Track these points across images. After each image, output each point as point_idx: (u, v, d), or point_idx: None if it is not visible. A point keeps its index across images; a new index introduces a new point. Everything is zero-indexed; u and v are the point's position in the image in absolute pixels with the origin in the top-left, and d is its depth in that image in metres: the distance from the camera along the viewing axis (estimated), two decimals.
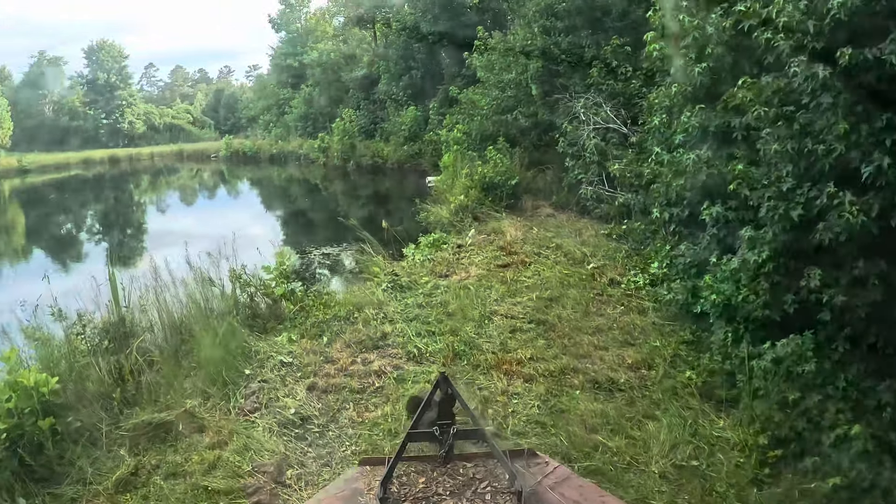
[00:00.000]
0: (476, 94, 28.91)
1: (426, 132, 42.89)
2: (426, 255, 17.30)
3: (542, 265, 15.36)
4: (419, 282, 14.54)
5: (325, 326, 12.12)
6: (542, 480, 4.67)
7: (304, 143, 63.11)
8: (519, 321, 11.95)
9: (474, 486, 4.72)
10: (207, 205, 56.89)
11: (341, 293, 14.63)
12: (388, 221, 20.97)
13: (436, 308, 12.81)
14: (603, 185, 19.10)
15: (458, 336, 11.19)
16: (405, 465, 4.96)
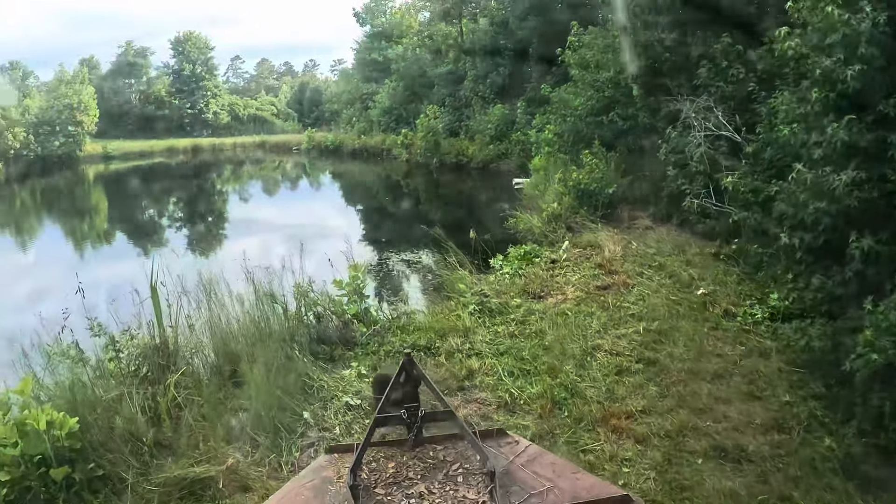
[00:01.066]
0: (569, 93, 27.13)
1: (513, 132, 41.36)
2: (516, 268, 15.82)
3: (647, 288, 13.69)
4: (510, 304, 12.98)
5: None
6: (514, 459, 4.68)
7: (387, 139, 62.12)
8: (625, 359, 10.37)
9: (445, 468, 4.70)
10: (287, 196, 56.95)
11: (421, 313, 13.20)
12: (471, 225, 19.71)
13: (530, 339, 11.27)
14: (710, 199, 17.25)
15: (558, 378, 9.65)
16: (374, 451, 4.93)
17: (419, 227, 29.65)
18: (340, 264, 13.27)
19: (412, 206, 38.68)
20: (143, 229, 43.47)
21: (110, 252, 36.42)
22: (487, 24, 50.04)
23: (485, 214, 29.78)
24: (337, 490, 4.37)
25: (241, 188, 64.66)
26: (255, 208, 49.68)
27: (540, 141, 29.08)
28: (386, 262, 23.50)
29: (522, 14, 44.07)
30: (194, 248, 35.64)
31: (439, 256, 16.35)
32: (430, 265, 19.65)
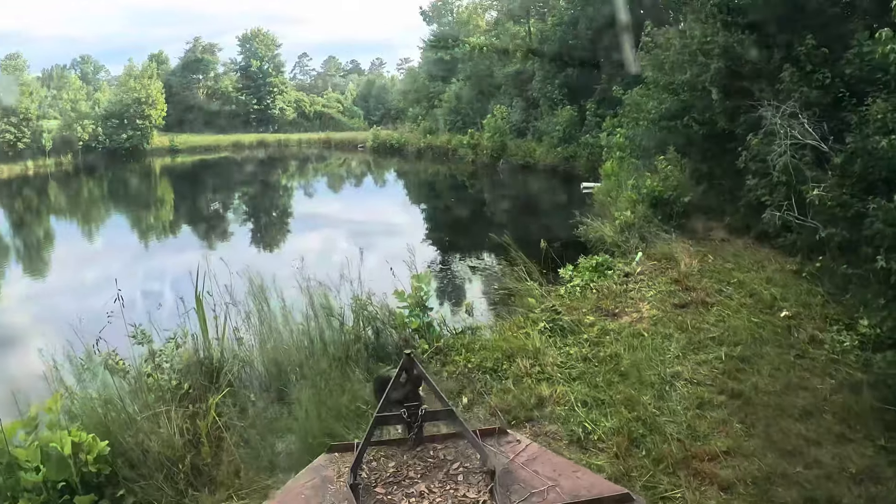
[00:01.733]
0: (643, 96, 26.18)
1: (582, 134, 40.57)
2: (587, 280, 15.07)
3: (726, 307, 12.77)
4: (583, 322, 12.11)
5: (467, 380, 10.07)
6: (515, 458, 4.65)
7: (453, 138, 61.76)
8: (707, 390, 9.54)
9: (446, 467, 4.67)
10: (351, 193, 57.01)
11: (487, 329, 12.52)
12: (538, 230, 19.10)
13: (605, 363, 10.43)
14: (791, 211, 16.24)
15: (635, 410, 8.90)
16: (374, 450, 4.90)
17: (484, 230, 29.06)
18: (401, 268, 12.70)
19: (477, 208, 38.07)
20: (207, 222, 44.03)
21: (174, 244, 37.08)
22: (556, 23, 49.15)
23: (552, 219, 29.04)
24: (337, 489, 4.34)
25: (305, 184, 65.17)
26: (317, 204, 49.89)
27: (611, 145, 28.26)
28: (449, 267, 22.92)
29: (592, 13, 43.13)
30: (256, 242, 36.19)
31: (505, 263, 15.74)
32: (496, 271, 19.03)
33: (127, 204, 56.23)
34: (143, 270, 28.61)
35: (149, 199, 58.39)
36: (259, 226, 42.58)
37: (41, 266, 33.41)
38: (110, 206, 57.47)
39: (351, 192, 57.92)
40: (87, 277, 27.39)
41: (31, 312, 22.94)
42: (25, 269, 33.24)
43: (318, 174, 72.50)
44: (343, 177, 69.83)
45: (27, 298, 25.77)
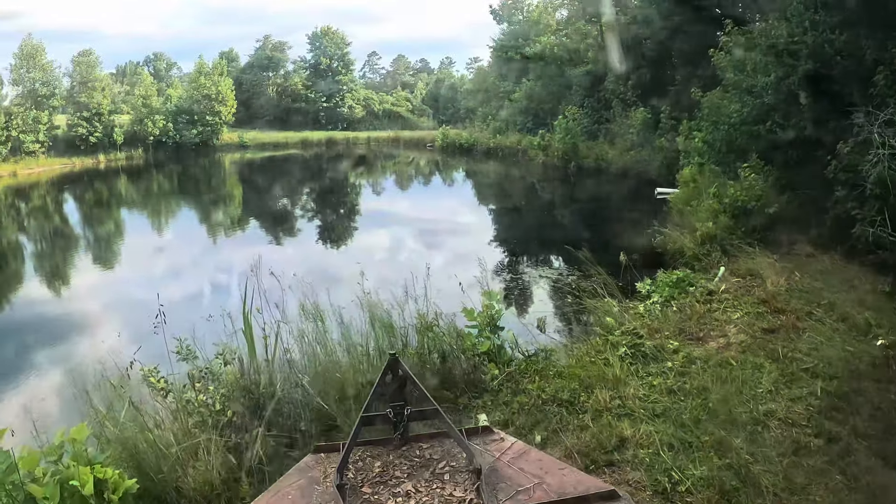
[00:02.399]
0: (724, 99, 24.99)
1: (656, 137, 39.39)
2: (667, 296, 14.21)
3: (818, 333, 11.71)
4: (666, 348, 11.11)
5: (540, 413, 9.20)
6: (501, 456, 4.74)
7: (524, 139, 60.99)
8: (803, 432, 8.56)
9: (432, 466, 4.75)
10: (418, 193, 56.46)
11: (562, 351, 11.70)
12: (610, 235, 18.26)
13: (691, 398, 9.43)
14: (885, 227, 15.10)
15: (726, 456, 8.03)
16: (361, 450, 4.98)
17: (556, 236, 28.29)
18: (468, 275, 12.04)
19: (547, 212, 37.21)
20: (273, 218, 44.08)
21: (240, 239, 37.09)
22: (629, 22, 47.94)
23: (626, 226, 28.02)
24: (324, 489, 4.36)
25: (373, 182, 65.02)
26: (385, 202, 49.58)
27: (689, 150, 27.18)
28: (519, 276, 22.12)
29: (667, 12, 41.87)
30: (322, 239, 36.45)
31: (579, 274, 14.96)
32: (569, 283, 18.19)
33: (195, 198, 57.14)
34: (206, 266, 29.18)
35: (217, 194, 59.31)
36: (325, 222, 42.64)
37: (110, 258, 33.91)
38: (179, 200, 58.37)
39: (419, 191, 57.67)
40: (151, 271, 27.45)
41: (88, 308, 22.75)
42: (95, 260, 33.93)
43: (386, 172, 72.26)
44: (411, 175, 69.50)
45: (91, 291, 25.84)
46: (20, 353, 17.49)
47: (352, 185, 63.11)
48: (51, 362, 16.67)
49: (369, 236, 34.80)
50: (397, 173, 71.07)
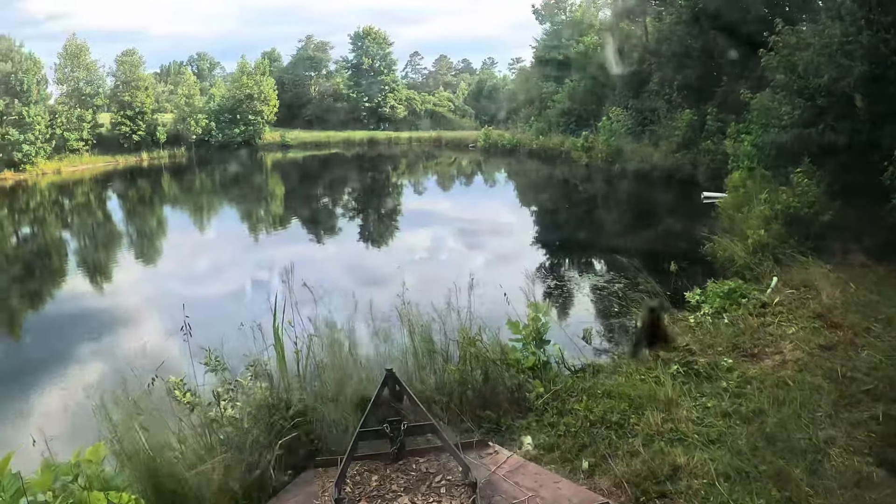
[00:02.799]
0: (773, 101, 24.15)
1: (703, 139, 38.55)
2: (717, 308, 13.65)
3: (877, 351, 11.01)
4: (720, 365, 10.55)
5: (588, 437, 8.62)
6: (496, 470, 5.05)
7: (567, 141, 60.42)
8: (865, 462, 7.86)
9: (429, 480, 4.99)
10: (460, 194, 56.03)
11: (610, 367, 11.17)
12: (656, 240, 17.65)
13: (747, 422, 8.85)
14: None
15: (786, 488, 7.46)
16: (358, 465, 5.32)
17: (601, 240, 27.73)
18: (510, 280, 11.57)
19: (592, 215, 36.54)
20: (315, 217, 44.26)
21: (281, 237, 37.20)
22: (674, 22, 46.93)
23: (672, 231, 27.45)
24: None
25: (415, 181, 64.77)
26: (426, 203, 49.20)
27: (738, 153, 26.43)
28: (563, 282, 21.54)
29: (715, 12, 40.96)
30: (363, 238, 36.41)
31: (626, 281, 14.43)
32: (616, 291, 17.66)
33: (237, 197, 57.44)
34: (244, 265, 29.11)
35: (259, 192, 59.71)
36: (366, 222, 42.64)
37: (150, 255, 34.32)
38: (221, 198, 58.76)
39: (461, 191, 57.50)
40: (189, 270, 27.65)
41: (122, 307, 22.62)
42: (136, 256, 34.34)
43: (427, 172, 72.04)
44: (453, 175, 69.13)
45: (127, 288, 25.98)
46: (49, 357, 17.22)
47: (393, 184, 63.01)
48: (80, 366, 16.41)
49: (410, 237, 34.57)
50: (439, 173, 70.78)
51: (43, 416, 13.11)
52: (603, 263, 22.49)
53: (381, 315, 10.25)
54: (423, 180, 65.71)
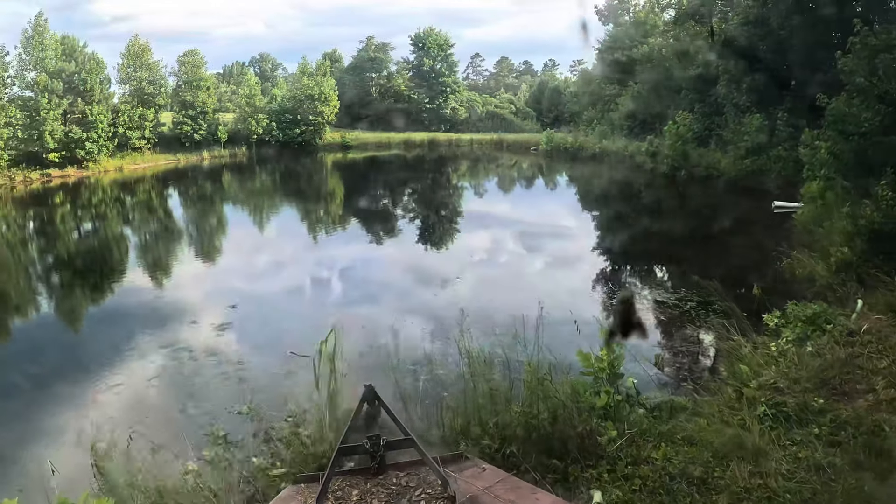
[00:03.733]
0: (851, 106, 22.80)
1: (773, 146, 37.23)
2: (799, 334, 12.60)
3: None
4: (810, 405, 9.44)
5: (667, 494, 7.65)
6: (476, 483, 5.15)
7: (630, 145, 59.17)
8: None
9: (409, 494, 5.10)
10: (523, 197, 55.56)
11: (689, 403, 10.17)
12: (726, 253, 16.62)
13: (842, 478, 7.73)
14: None
15: None
16: (339, 480, 5.36)
17: (668, 252, 26.71)
18: (574, 297, 10.75)
19: (657, 225, 35.13)
20: (374, 218, 44.08)
21: (340, 238, 37.18)
22: (741, 22, 45.41)
23: (743, 244, 26.31)
24: None
25: (475, 184, 64.22)
26: (486, 207, 48.01)
27: (813, 161, 25.16)
28: (629, 297, 20.31)
29: (785, 11, 39.45)
30: (422, 240, 36.13)
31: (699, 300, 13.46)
32: (689, 310, 16.69)
33: (297, 196, 57.82)
34: (301, 268, 28.78)
35: (318, 192, 59.98)
36: (426, 224, 42.15)
37: (212, 252, 34.74)
38: (280, 197, 59.21)
39: (522, 196, 56.52)
40: (244, 271, 27.52)
41: (173, 310, 22.20)
42: (197, 253, 34.76)
43: (488, 174, 71.54)
44: (514, 178, 68.50)
45: (182, 289, 25.65)
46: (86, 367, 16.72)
47: (454, 186, 62.38)
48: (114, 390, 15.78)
49: (470, 242, 33.87)
50: (500, 176, 70.19)
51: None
52: (671, 278, 21.51)
53: (441, 332, 9.57)
54: (483, 182, 65.16)
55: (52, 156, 66.62)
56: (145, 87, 77.93)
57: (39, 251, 37.62)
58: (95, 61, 71.20)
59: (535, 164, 74.49)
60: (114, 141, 72.82)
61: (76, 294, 26.30)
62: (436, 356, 9.78)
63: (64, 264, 33.01)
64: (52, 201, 56.91)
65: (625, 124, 63.34)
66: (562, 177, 66.02)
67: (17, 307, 24.45)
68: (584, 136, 71.24)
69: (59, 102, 67.23)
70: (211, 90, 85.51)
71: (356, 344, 9.08)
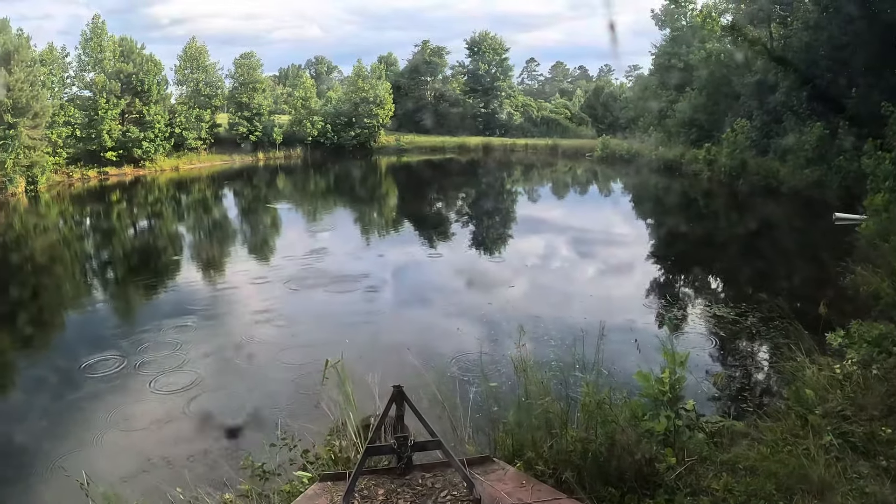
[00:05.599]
0: None
1: (834, 156, 36.42)
2: (864, 355, 12.14)
3: None
4: (877, 435, 8.80)
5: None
6: (500, 486, 5.04)
7: (687, 153, 58.32)
8: None
9: (434, 495, 5.03)
10: (579, 204, 54.38)
11: (752, 434, 9.73)
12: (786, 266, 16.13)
13: None
14: None
15: None
16: (365, 479, 5.29)
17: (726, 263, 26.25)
18: (631, 309, 10.44)
19: (715, 236, 34.27)
20: (427, 222, 44.09)
21: (393, 241, 37.21)
22: (801, 27, 44.46)
23: (803, 256, 25.77)
24: None
25: (529, 192, 63.45)
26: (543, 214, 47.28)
27: (877, 172, 24.59)
28: (686, 314, 19.68)
29: (847, 16, 38.52)
30: (476, 246, 35.72)
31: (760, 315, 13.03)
32: (749, 326, 16.26)
33: (350, 198, 58.04)
34: (359, 266, 28.74)
35: (372, 195, 60.17)
36: (480, 229, 41.79)
37: (266, 252, 34.78)
38: (334, 199, 59.31)
39: (577, 202, 55.65)
40: (292, 276, 27.09)
41: (216, 313, 22.40)
42: (250, 252, 35.27)
43: (543, 180, 70.88)
44: (568, 184, 67.82)
45: (228, 292, 25.71)
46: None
47: (508, 191, 62.08)
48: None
49: (524, 248, 33.53)
50: (555, 181, 69.51)
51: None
52: (730, 291, 21.02)
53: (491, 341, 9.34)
54: (539, 189, 64.50)
55: (110, 154, 68.65)
56: (202, 89, 79.58)
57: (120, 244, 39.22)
58: (153, 63, 72.74)
59: (589, 170, 73.88)
60: (170, 141, 74.43)
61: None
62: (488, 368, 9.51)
63: (128, 256, 35.36)
64: (108, 198, 58.95)
65: (682, 131, 62.20)
66: (617, 184, 65.37)
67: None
68: (640, 143, 70.69)
69: (117, 102, 69.07)
70: (266, 92, 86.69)
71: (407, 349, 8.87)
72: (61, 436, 12.93)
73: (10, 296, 25.16)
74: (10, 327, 21.29)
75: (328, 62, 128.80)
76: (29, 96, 55.03)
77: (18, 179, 55.47)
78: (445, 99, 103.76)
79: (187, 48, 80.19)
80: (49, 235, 42.49)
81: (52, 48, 67.89)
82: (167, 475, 10.27)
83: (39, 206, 54.37)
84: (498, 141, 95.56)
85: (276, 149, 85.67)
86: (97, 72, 69.07)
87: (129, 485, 10.13)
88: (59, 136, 63.66)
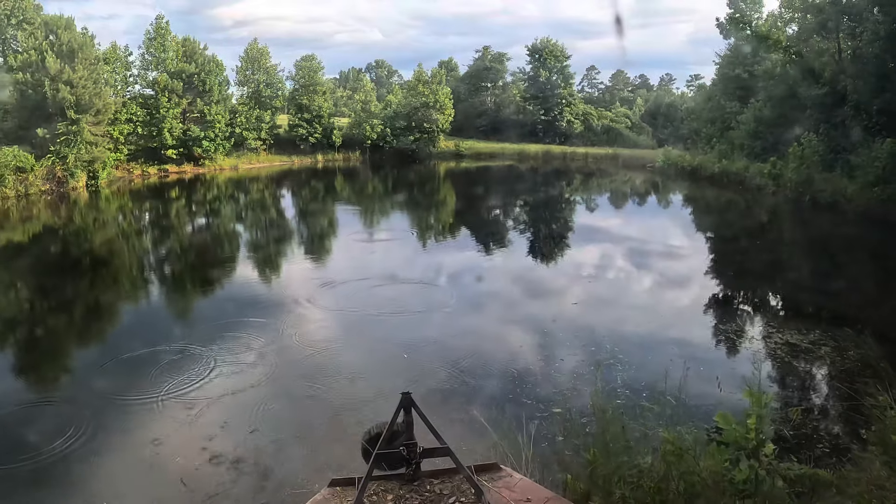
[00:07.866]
0: None
1: None
2: None
3: None
4: None
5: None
6: (508, 493, 5.07)
7: (752, 166, 57.04)
8: None
9: (442, 501, 5.13)
10: (637, 216, 52.96)
11: (836, 485, 9.17)
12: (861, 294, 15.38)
13: None
14: None
15: None
16: (374, 485, 5.38)
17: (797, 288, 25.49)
18: (694, 325, 10.01)
19: (783, 256, 32.83)
20: (484, 229, 43.95)
21: (448, 247, 37.27)
22: (871, 39, 43.18)
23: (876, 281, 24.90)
24: None
25: (587, 199, 62.89)
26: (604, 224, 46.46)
27: None
28: (754, 338, 18.73)
29: None
30: (533, 254, 35.56)
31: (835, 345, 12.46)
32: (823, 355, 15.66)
33: (408, 202, 58.78)
34: (413, 272, 29.34)
35: (430, 200, 60.32)
36: (537, 238, 41.38)
37: (322, 253, 35.40)
38: (392, 202, 59.78)
39: (638, 213, 54.25)
40: (355, 273, 27.70)
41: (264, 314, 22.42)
42: (307, 252, 35.99)
43: (602, 190, 69.83)
44: (627, 195, 66.51)
45: (275, 294, 26.20)
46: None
47: (566, 200, 61.28)
48: None
49: (581, 257, 33.10)
50: (613, 192, 68.25)
51: None
52: (801, 317, 20.27)
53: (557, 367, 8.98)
54: (598, 199, 63.03)
55: (170, 152, 70.56)
56: (262, 90, 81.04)
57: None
58: (215, 63, 74.38)
59: (650, 181, 72.66)
60: (230, 140, 75.85)
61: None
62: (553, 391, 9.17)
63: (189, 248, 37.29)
64: (167, 195, 60.33)
65: (745, 144, 60.93)
66: (678, 196, 64.05)
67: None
68: (702, 155, 69.39)
69: (179, 101, 70.78)
70: (327, 94, 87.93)
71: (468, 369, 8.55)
72: None
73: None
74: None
75: (388, 66, 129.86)
76: (92, 93, 56.90)
77: (80, 174, 57.47)
78: (505, 105, 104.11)
79: (249, 49, 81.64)
80: (108, 229, 44.04)
81: (116, 47, 70.02)
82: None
83: (99, 200, 55.73)
84: (558, 149, 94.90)
85: (334, 151, 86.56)
86: (160, 71, 70.73)
87: None
88: (120, 133, 65.65)
